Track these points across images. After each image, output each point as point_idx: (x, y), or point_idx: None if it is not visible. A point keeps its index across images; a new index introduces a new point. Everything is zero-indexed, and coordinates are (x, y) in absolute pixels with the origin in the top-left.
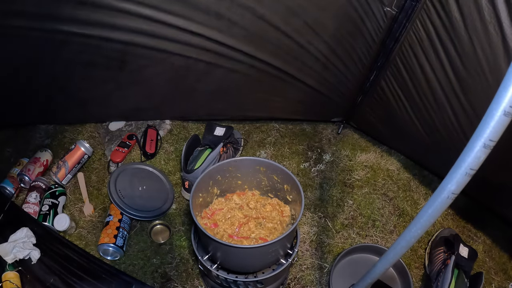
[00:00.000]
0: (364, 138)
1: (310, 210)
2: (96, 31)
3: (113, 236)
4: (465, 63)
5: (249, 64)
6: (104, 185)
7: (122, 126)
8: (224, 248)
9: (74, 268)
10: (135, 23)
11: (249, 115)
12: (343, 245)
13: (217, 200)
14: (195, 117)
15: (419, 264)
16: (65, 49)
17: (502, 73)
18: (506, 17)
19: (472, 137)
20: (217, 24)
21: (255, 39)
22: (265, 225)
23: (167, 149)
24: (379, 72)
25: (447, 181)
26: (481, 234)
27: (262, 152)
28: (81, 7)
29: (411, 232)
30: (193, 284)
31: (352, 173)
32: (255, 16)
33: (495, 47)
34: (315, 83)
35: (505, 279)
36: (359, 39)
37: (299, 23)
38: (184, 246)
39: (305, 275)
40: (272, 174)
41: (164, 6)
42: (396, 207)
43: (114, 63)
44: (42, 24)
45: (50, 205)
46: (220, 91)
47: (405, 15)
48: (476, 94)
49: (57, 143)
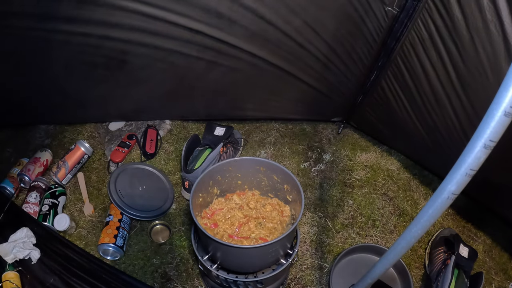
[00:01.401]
0: (364, 138)
1: (310, 210)
2: (95, 30)
3: (113, 236)
4: (466, 62)
5: (249, 62)
6: (104, 185)
7: (122, 126)
8: (224, 248)
9: (74, 268)
10: (135, 21)
11: (249, 114)
12: (343, 245)
13: (217, 200)
14: (195, 116)
15: (419, 264)
16: (65, 49)
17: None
18: (507, 16)
19: (472, 137)
20: (217, 22)
21: (256, 38)
22: (265, 225)
23: (167, 149)
24: (379, 71)
25: (447, 181)
26: (481, 234)
27: (262, 152)
28: (81, 5)
29: (411, 232)
30: (193, 284)
31: (352, 173)
32: (255, 15)
33: (496, 46)
34: (315, 83)
35: (505, 279)
36: (360, 39)
37: (299, 23)
38: (184, 246)
39: (305, 275)
40: (272, 174)
41: (164, 4)
42: (396, 207)
43: (113, 62)
44: (41, 24)
45: (50, 205)
46: (220, 90)
47: (406, 15)
48: (477, 93)
49: (57, 143)
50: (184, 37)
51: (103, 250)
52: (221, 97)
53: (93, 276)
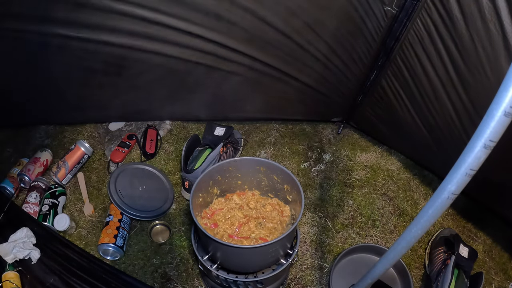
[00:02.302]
0: (364, 138)
1: (310, 210)
2: (94, 34)
3: (113, 236)
4: (466, 61)
5: (248, 66)
6: (104, 185)
7: (122, 126)
8: (224, 248)
9: (74, 268)
10: (134, 25)
11: (249, 116)
12: (343, 245)
13: (217, 200)
14: (195, 118)
15: (419, 264)
16: (63, 54)
17: (503, 71)
18: (506, 15)
19: (472, 137)
20: (216, 25)
21: (255, 40)
22: (265, 225)
23: (167, 149)
24: (379, 71)
25: (447, 181)
26: (481, 234)
27: (262, 152)
28: (79, 9)
29: (411, 232)
30: (193, 284)
31: (352, 173)
32: (255, 17)
33: (495, 45)
34: (315, 84)
35: (505, 279)
36: (360, 39)
37: (299, 24)
38: (184, 246)
39: (305, 275)
40: (272, 174)
41: (163, 8)
42: (396, 207)
43: (112, 69)
44: (39, 27)
45: (50, 205)
46: (220, 93)
47: (405, 14)
48: (477, 92)
49: (57, 143)
50: (183, 42)
51: (103, 250)
52: (220, 100)
53: (93, 276)
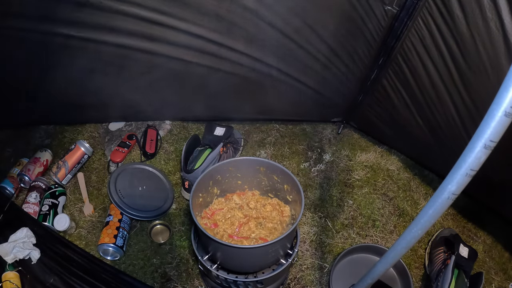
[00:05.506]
0: (364, 138)
1: (310, 210)
2: (94, 34)
3: (113, 236)
4: (467, 60)
5: (249, 66)
6: (104, 185)
7: (122, 126)
8: (224, 248)
9: (74, 268)
10: (134, 25)
11: (249, 116)
12: (343, 245)
13: (217, 200)
14: (195, 118)
15: (419, 264)
16: (64, 53)
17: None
18: (507, 14)
19: (472, 137)
20: (217, 26)
21: (255, 40)
22: (265, 225)
23: (167, 149)
24: (380, 70)
25: (448, 181)
26: (481, 234)
27: (262, 152)
28: (80, 9)
29: (411, 232)
30: (193, 284)
31: (352, 173)
32: (255, 17)
33: (496, 44)
34: (315, 84)
35: (505, 279)
36: (360, 38)
37: (299, 24)
38: (184, 246)
39: (305, 275)
40: (272, 174)
41: (164, 8)
42: (396, 207)
43: (112, 69)
44: (40, 27)
45: (50, 205)
46: (220, 93)
47: (406, 13)
48: (478, 91)
49: (57, 143)
50: (184, 42)
51: (103, 250)
52: (220, 100)
53: (93, 276)
